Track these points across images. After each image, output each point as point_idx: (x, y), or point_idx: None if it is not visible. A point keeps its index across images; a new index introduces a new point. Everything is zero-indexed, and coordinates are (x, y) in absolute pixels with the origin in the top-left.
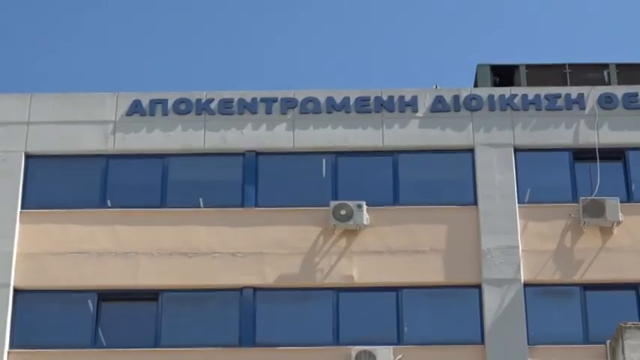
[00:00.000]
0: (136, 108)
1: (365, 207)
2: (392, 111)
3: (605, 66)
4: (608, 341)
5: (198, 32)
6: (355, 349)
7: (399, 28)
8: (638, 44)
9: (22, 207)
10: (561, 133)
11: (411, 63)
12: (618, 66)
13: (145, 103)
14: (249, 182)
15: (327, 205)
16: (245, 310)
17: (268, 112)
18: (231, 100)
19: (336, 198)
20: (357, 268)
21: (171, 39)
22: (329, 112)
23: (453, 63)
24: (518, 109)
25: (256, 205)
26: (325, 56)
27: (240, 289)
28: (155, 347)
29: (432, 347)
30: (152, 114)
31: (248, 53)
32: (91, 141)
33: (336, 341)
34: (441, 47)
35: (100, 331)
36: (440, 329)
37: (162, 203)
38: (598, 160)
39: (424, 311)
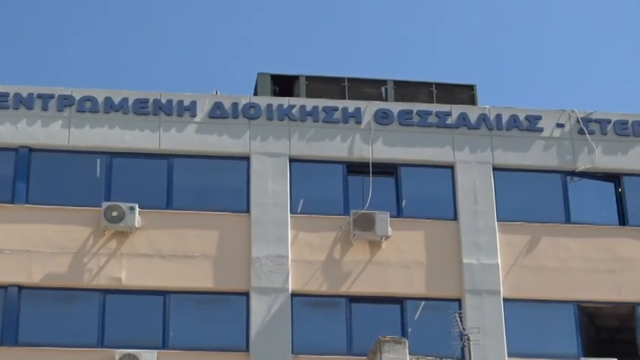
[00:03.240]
0: None
1: (137, 209)
2: (170, 114)
3: (383, 82)
4: (368, 354)
5: None
6: (119, 352)
7: (184, 33)
8: (415, 62)
9: None
10: (337, 145)
11: (192, 68)
12: (396, 83)
13: None
14: (21, 178)
15: (99, 206)
16: (9, 308)
17: (44, 108)
18: (6, 94)
19: (108, 199)
20: (126, 271)
21: None
22: (106, 112)
23: (235, 70)
24: (295, 120)
25: (27, 202)
26: (106, 56)
27: (5, 287)
28: None
29: (196, 353)
30: None
31: (27, 48)
32: None
33: (101, 343)
34: (224, 54)
35: None
36: (206, 335)
37: None
38: (371, 175)
39: (191, 316)
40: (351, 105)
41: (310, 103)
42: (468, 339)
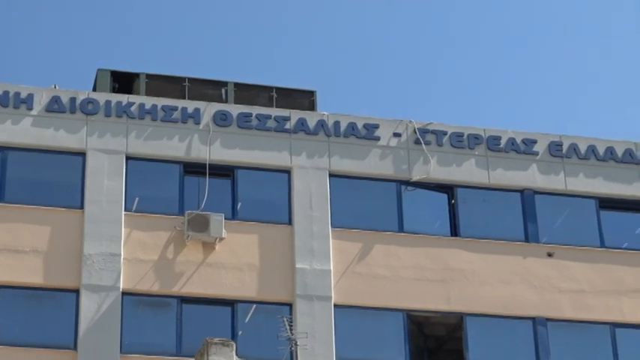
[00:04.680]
0: None
1: None
2: (6, 106)
3: (224, 84)
4: (195, 355)
5: None
6: None
7: (24, 24)
8: (257, 66)
9: None
10: (174, 145)
11: (31, 60)
12: (236, 85)
13: None
14: None
15: None
16: None
17: None
18: None
19: None
20: None
21: None
22: None
23: (75, 65)
24: (134, 117)
25: None
26: None
27: None
28: None
29: (22, 349)
30: None
31: None
32: None
33: None
34: (64, 47)
35: None
36: (33, 331)
37: None
38: (207, 176)
39: (19, 312)
40: (190, 105)
41: (149, 101)
42: (296, 344)
